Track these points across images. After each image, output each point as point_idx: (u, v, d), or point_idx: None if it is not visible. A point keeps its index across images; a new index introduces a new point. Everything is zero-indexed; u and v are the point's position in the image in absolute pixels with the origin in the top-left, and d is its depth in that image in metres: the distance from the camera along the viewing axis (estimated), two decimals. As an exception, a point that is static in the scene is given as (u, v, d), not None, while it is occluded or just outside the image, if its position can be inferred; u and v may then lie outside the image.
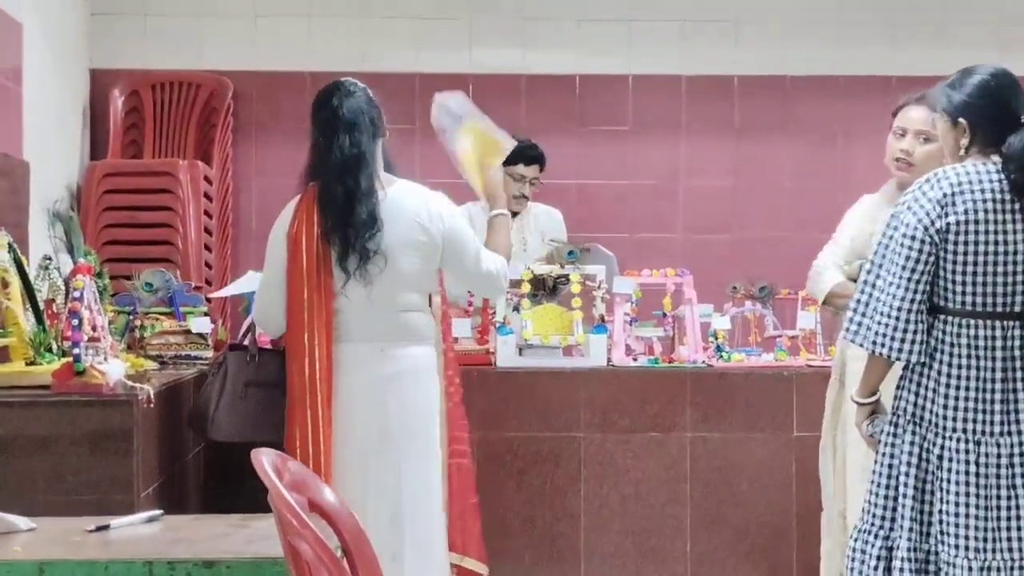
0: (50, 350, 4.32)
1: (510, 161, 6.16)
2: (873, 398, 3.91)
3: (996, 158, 3.76)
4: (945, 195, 3.73)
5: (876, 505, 3.86)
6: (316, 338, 4.14)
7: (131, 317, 5.26)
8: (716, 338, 5.49)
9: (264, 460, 2.50)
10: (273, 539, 2.61)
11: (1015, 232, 3.72)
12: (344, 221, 4.13)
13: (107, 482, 3.97)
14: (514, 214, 6.00)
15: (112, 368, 4.17)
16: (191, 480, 4.93)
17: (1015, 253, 3.72)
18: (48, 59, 6.11)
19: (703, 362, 5.40)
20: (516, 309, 5.37)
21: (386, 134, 4.35)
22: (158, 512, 3.25)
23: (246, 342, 4.54)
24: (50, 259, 4.72)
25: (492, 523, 5.27)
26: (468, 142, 4.64)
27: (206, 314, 5.35)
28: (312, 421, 4.10)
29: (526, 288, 5.38)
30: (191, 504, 4.85)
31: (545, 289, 5.54)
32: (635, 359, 5.44)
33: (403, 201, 4.24)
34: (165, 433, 4.44)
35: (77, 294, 4.15)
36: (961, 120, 3.86)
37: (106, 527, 3.11)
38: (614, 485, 5.34)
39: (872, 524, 3.86)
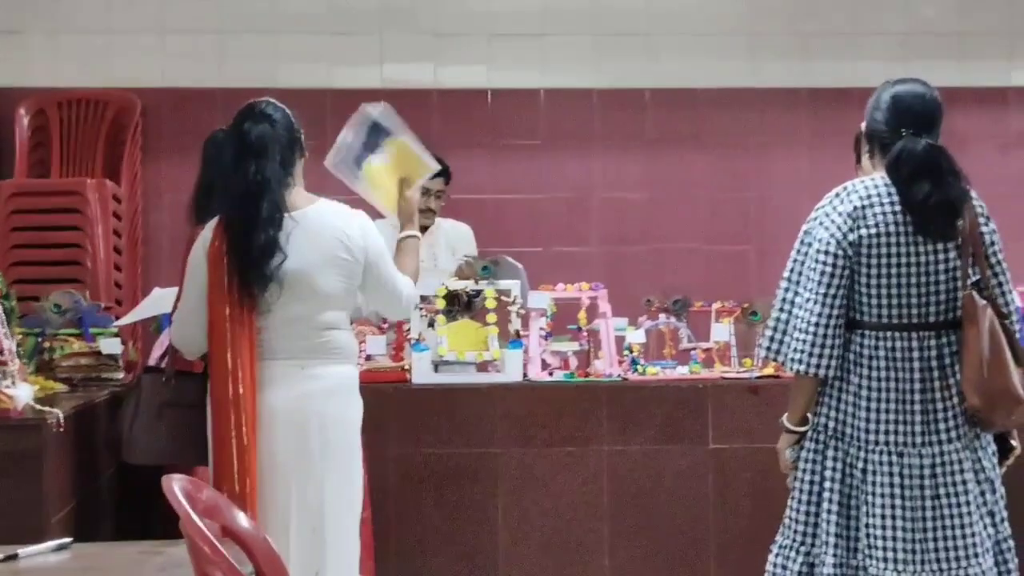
0: (-49, 374, 4.25)
1: (413, 176, 6.15)
2: (805, 427, 3.91)
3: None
4: (856, 208, 3.76)
5: (797, 521, 3.88)
6: (240, 356, 4.10)
7: (40, 339, 5.18)
8: (631, 351, 5.49)
9: (175, 487, 2.46)
10: (187, 566, 2.57)
11: (925, 242, 3.76)
12: (242, 248, 4.11)
13: (15, 508, 3.90)
14: (423, 228, 5.99)
15: (20, 392, 4.11)
16: (104, 504, 4.85)
17: (927, 264, 3.76)
18: (-49, 77, 6.02)
19: (619, 376, 5.40)
20: (431, 325, 5.34)
21: (306, 154, 4.32)
22: (67, 540, 3.19)
23: (163, 364, 4.48)
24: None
25: (410, 541, 5.25)
26: (389, 157, 4.60)
27: (116, 335, 5.28)
28: (238, 440, 4.06)
29: (441, 304, 5.36)
30: (104, 529, 4.78)
31: (460, 304, 5.53)
32: (551, 374, 5.43)
33: (325, 219, 4.22)
34: (76, 457, 4.37)
35: (-21, 317, 4.09)
36: (862, 131, 3.94)
37: (14, 556, 3.05)
38: (532, 500, 5.32)
39: (794, 540, 3.89)
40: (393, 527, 5.25)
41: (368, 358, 5.35)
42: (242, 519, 2.59)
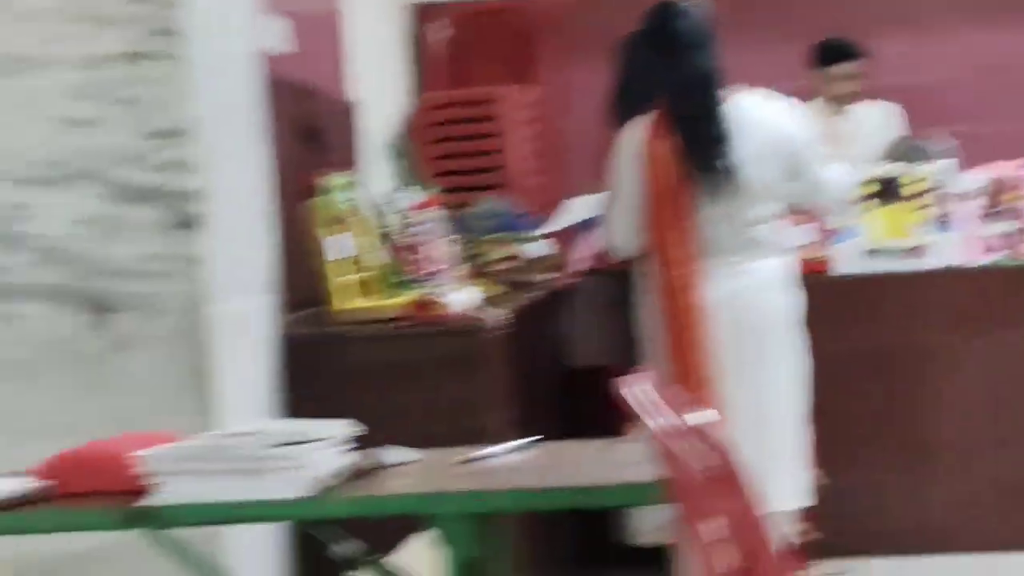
0: (399, 283, 4.42)
1: (830, 60, 6.06)
2: None
3: None
4: None
5: None
6: (682, 254, 4.08)
7: (469, 246, 5.32)
8: (1076, 229, 5.21)
9: (629, 386, 2.47)
10: (646, 463, 2.59)
11: None
12: (695, 139, 4.07)
13: (457, 410, 4.03)
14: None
15: (459, 297, 4.24)
16: (543, 405, 4.96)
17: None
18: (367, -2, 6.21)
19: (1060, 254, 5.15)
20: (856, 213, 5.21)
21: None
22: (535, 438, 3.24)
23: (592, 265, 4.52)
24: (391, 195, 4.81)
25: (838, 437, 5.13)
26: None
27: (542, 238, 5.38)
28: (688, 337, 4.06)
29: (867, 190, 5.20)
30: (545, 429, 4.88)
31: (888, 190, 5.36)
32: (986, 256, 5.21)
33: (756, 110, 4.16)
34: (514, 359, 4.47)
35: (421, 227, 4.23)
36: None
37: (480, 457, 3.12)
38: (967, 388, 5.13)
39: None
40: (821, 421, 5.16)
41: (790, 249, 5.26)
42: (699, 413, 2.58)
